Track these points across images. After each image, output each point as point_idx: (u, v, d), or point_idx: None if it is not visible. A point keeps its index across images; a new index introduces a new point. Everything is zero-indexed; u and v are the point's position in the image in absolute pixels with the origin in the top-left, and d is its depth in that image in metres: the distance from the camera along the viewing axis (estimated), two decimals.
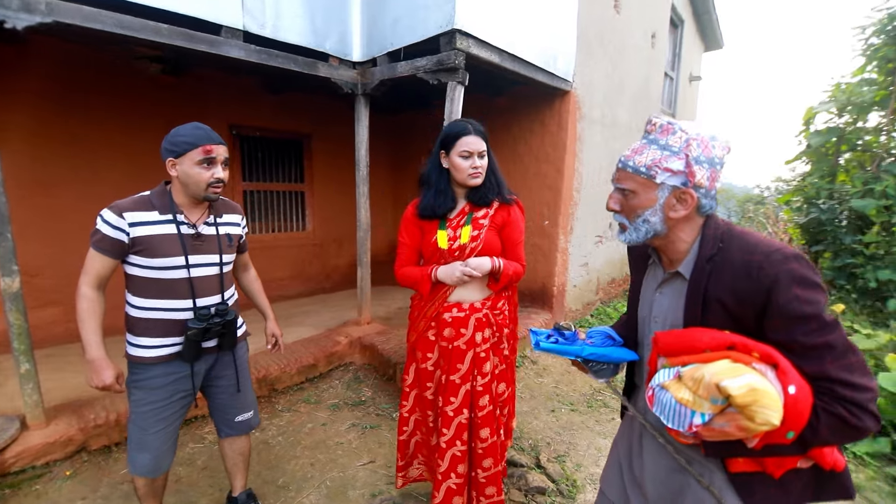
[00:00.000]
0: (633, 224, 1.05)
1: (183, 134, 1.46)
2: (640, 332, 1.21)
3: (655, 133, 1.02)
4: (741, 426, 0.82)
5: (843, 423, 0.85)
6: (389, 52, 3.17)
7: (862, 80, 5.19)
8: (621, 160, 1.06)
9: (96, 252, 1.46)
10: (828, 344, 0.87)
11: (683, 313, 1.03)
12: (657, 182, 0.99)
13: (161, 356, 1.54)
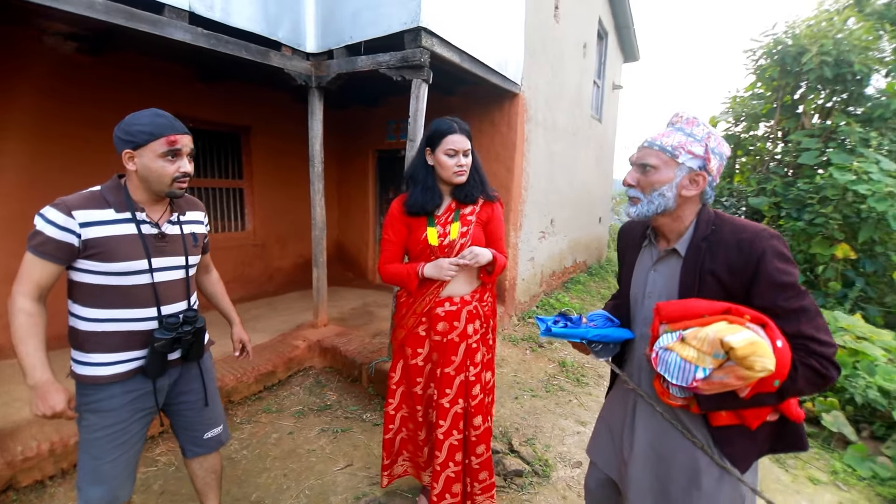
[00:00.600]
0: (647, 197, 1.18)
1: (141, 122, 1.29)
2: (633, 311, 1.34)
3: (681, 123, 1.18)
4: (740, 375, 0.97)
5: (815, 373, 1.03)
6: (348, 46, 3.08)
7: (753, 95, 6.07)
8: (648, 141, 1.19)
9: (36, 257, 1.24)
10: (802, 308, 1.05)
11: (679, 287, 1.18)
12: (679, 161, 1.13)
13: (118, 374, 1.36)
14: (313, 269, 3.61)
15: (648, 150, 1.18)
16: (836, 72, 4.87)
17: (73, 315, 1.35)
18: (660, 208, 1.17)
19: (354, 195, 5.62)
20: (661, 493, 1.26)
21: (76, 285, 1.33)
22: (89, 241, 1.27)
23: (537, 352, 4.19)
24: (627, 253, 1.39)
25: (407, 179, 1.88)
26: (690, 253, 1.17)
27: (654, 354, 1.09)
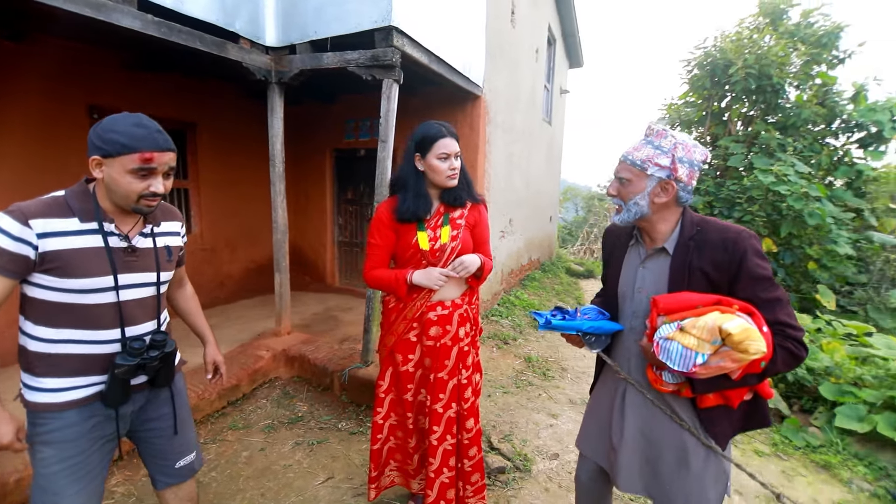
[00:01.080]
0: (626, 206, 1.30)
1: (118, 131, 1.14)
2: (621, 305, 1.43)
3: (652, 136, 1.28)
4: (735, 358, 1.08)
5: (790, 354, 1.16)
6: (312, 41, 2.96)
7: (686, 103, 6.60)
8: (623, 155, 1.30)
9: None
10: (777, 298, 1.18)
11: (668, 282, 1.28)
12: (648, 173, 1.25)
13: (75, 400, 1.22)
14: (275, 274, 3.43)
15: (623, 164, 1.29)
16: (758, 83, 5.44)
17: (25, 334, 1.20)
18: (637, 215, 1.29)
19: (311, 195, 5.41)
20: (651, 476, 1.35)
21: (29, 301, 1.18)
22: (47, 254, 1.12)
23: (503, 349, 4.28)
24: (614, 252, 1.48)
25: (395, 185, 1.83)
26: (679, 251, 1.28)
27: (656, 344, 1.16)
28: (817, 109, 5.55)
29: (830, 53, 5.59)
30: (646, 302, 1.33)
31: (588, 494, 1.62)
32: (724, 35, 6.24)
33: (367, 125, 4.88)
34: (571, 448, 2.76)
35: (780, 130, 5.49)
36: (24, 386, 1.21)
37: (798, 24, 5.73)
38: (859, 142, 5.51)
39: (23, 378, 1.21)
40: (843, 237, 4.68)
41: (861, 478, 2.57)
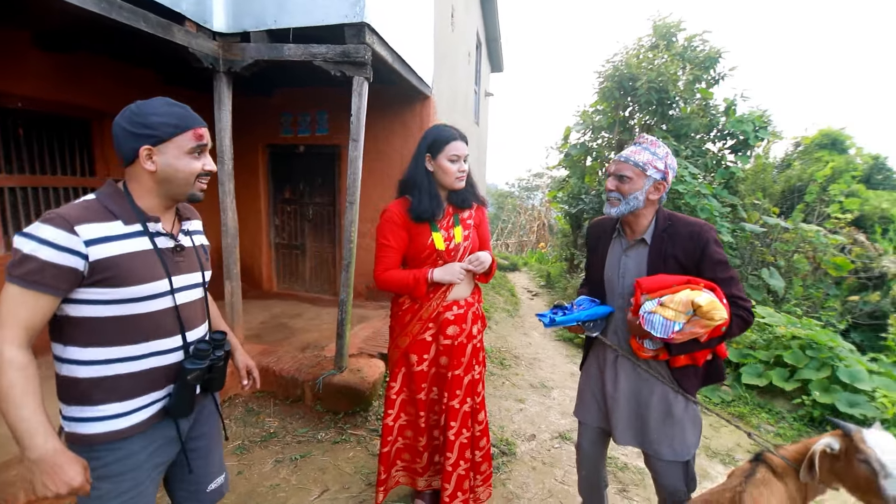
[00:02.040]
0: (626, 200, 1.52)
1: (160, 113, 1.07)
2: (607, 289, 1.67)
3: (647, 144, 1.53)
4: (703, 325, 1.36)
5: (743, 321, 1.47)
6: (270, 31, 2.76)
7: (597, 111, 7.35)
8: (625, 157, 1.52)
9: (28, 290, 0.96)
10: (731, 277, 1.49)
11: (647, 266, 1.55)
12: (647, 174, 1.48)
13: (141, 422, 1.12)
14: (225, 282, 3.13)
15: (625, 164, 1.51)
16: (657, 97, 6.28)
17: (68, 361, 1.06)
18: (633, 208, 1.52)
19: (243, 195, 4.94)
20: (640, 428, 1.62)
21: (73, 322, 1.05)
22: (98, 263, 1.01)
23: None
24: (599, 244, 1.72)
25: (406, 186, 1.83)
26: (655, 242, 1.54)
27: (641, 317, 1.41)
28: (701, 120, 6.58)
29: (709, 74, 6.65)
30: (629, 285, 1.58)
31: (589, 459, 1.82)
32: (626, 51, 7.07)
33: (307, 120, 4.64)
34: (544, 428, 2.99)
35: (675, 138, 6.42)
36: (71, 420, 1.07)
37: (685, 46, 6.72)
38: (731, 148, 6.67)
39: (69, 412, 1.07)
40: (725, 227, 5.65)
41: (765, 422, 3.19)
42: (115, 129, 1.08)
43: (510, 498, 2.27)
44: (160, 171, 1.09)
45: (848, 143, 9.20)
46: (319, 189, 4.84)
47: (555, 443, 2.83)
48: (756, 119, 6.36)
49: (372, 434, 2.72)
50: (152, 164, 1.08)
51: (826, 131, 9.58)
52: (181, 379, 1.13)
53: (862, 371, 3.06)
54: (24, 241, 0.97)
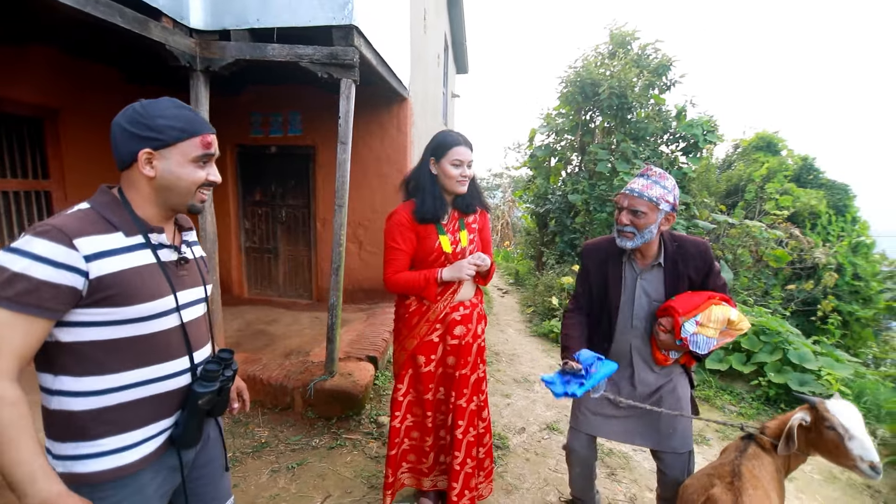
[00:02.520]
0: (641, 234, 1.60)
1: (167, 115, 0.99)
2: (621, 313, 1.74)
3: (655, 177, 1.61)
4: (733, 335, 1.53)
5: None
6: (252, 30, 2.68)
7: (559, 114, 7.64)
8: (638, 192, 1.59)
9: (20, 314, 0.85)
10: (724, 283, 1.67)
11: (665, 288, 1.67)
12: (660, 208, 1.58)
13: (149, 455, 1.02)
14: None
15: (639, 199, 1.58)
16: (618, 102, 6.63)
17: (60, 393, 0.94)
18: (647, 240, 1.61)
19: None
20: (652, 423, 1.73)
21: (66, 349, 0.93)
22: (100, 281, 0.91)
23: None
24: (605, 268, 1.77)
25: (410, 187, 1.87)
26: (668, 263, 1.67)
27: (685, 339, 1.53)
28: (656, 124, 7.01)
29: (662, 80, 7.10)
30: (647, 307, 1.69)
31: (584, 461, 1.91)
32: (585, 58, 7.39)
33: (280, 120, 4.51)
34: (532, 420, 3.11)
35: (633, 140, 6.80)
36: (65, 459, 0.95)
37: (639, 54, 7.13)
38: (683, 150, 7.15)
39: (61, 449, 0.95)
40: (681, 224, 6.07)
41: (728, 403, 3.48)
42: (113, 129, 0.99)
43: (509, 490, 2.35)
44: (160, 177, 1.00)
45: (781, 146, 10.08)
46: (293, 191, 4.72)
47: (544, 434, 2.95)
48: (704, 123, 6.87)
49: (367, 437, 2.72)
50: (151, 169, 0.99)
51: (762, 134, 10.46)
52: (191, 404, 1.05)
53: (808, 353, 3.42)
54: (13, 257, 0.86)
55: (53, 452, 0.96)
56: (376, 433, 2.76)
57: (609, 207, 6.40)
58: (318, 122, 4.42)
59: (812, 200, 8.72)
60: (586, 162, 7.12)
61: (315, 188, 4.56)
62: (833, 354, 3.49)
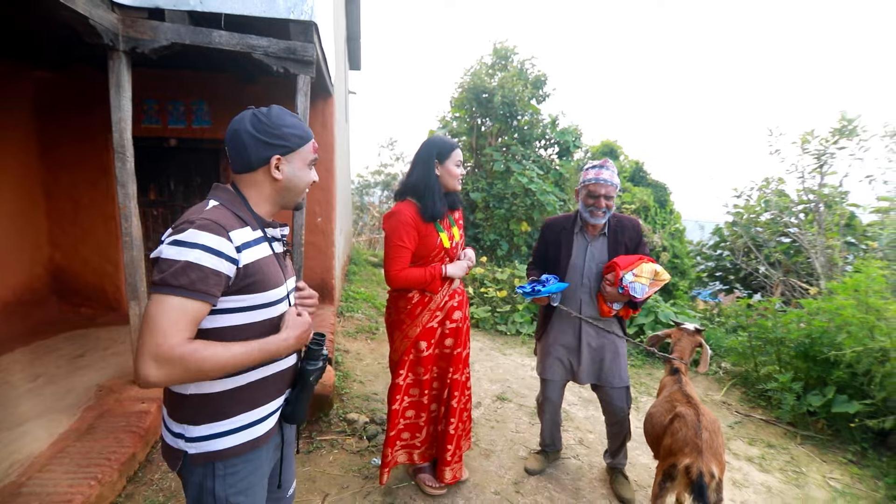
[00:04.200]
0: (609, 210, 2.12)
1: (289, 124, 1.09)
2: (570, 271, 2.23)
3: (610, 167, 2.13)
4: (658, 283, 2.06)
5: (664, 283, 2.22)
6: (192, 12, 2.43)
7: (454, 117, 8.17)
8: (610, 181, 2.09)
9: (193, 300, 0.92)
10: (649, 252, 2.25)
11: (608, 253, 2.20)
12: (618, 190, 2.09)
13: (271, 429, 1.12)
14: (131, 304, 2.62)
15: (611, 187, 2.09)
16: (508, 110, 7.41)
17: None
18: (609, 215, 2.14)
19: (85, 198, 3.97)
20: (598, 367, 2.26)
21: (208, 334, 1.00)
22: (245, 269, 1.00)
23: (375, 338, 4.54)
24: (560, 238, 2.27)
25: (416, 189, 1.99)
26: (611, 234, 2.20)
27: (626, 287, 2.02)
28: (535, 131, 8.04)
29: (538, 93, 8.15)
30: (594, 268, 2.19)
31: (554, 405, 2.41)
32: (473, 69, 8.06)
33: (181, 110, 4.01)
34: (483, 395, 3.46)
35: (521, 144, 7.69)
36: (200, 440, 1.02)
37: (519, 68, 8.06)
38: (558, 154, 8.35)
39: (195, 432, 1.02)
40: None
41: None
42: (240, 136, 1.05)
43: (487, 454, 2.66)
44: (285, 179, 1.10)
45: (619, 151, 12.35)
46: (200, 189, 4.23)
47: (497, 405, 3.33)
48: (573, 131, 8.14)
49: (342, 436, 2.73)
50: (279, 172, 1.08)
51: (606, 142, 12.65)
52: (303, 380, 1.15)
53: (671, 313, 4.48)
54: (181, 249, 0.92)
55: (186, 436, 1.02)
56: (349, 430, 2.79)
57: (506, 203, 7.17)
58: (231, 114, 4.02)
59: (644, 197, 10.95)
60: (483, 163, 7.79)
61: None
62: (685, 312, 4.64)
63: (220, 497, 1.04)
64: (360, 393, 3.28)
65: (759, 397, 3.55)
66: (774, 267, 5.95)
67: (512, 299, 5.51)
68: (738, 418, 3.32)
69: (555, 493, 2.34)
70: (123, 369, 2.90)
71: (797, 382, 3.16)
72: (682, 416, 1.79)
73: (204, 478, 1.03)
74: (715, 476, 1.62)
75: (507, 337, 5.07)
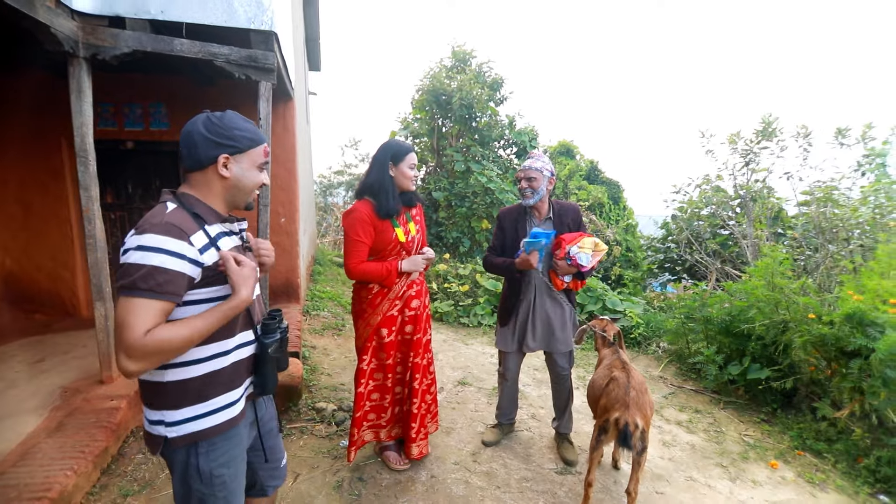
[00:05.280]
0: (536, 191, 2.41)
1: (240, 127, 1.17)
2: None
3: (536, 157, 2.45)
4: (598, 253, 2.37)
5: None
6: (153, 21, 2.52)
7: (416, 118, 8.37)
8: (529, 166, 2.41)
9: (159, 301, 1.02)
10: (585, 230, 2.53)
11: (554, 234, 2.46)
12: (543, 174, 2.39)
13: (243, 409, 1.24)
14: (97, 305, 2.66)
15: (529, 170, 2.40)
16: (467, 112, 7.69)
17: (177, 365, 1.11)
18: (541, 196, 2.43)
19: (36, 202, 3.88)
20: (550, 335, 2.55)
21: None
22: (208, 268, 1.11)
23: (342, 334, 4.68)
24: (514, 224, 2.55)
25: (372, 189, 2.18)
26: (556, 218, 2.49)
27: (574, 257, 2.31)
28: (494, 132, 8.37)
29: (496, 95, 8.49)
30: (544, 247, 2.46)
31: (513, 374, 2.70)
32: (433, 71, 8.29)
33: (138, 112, 4.00)
34: (445, 381, 3.69)
35: (480, 145, 7.99)
36: (182, 423, 1.13)
37: (477, 71, 8.36)
38: (516, 154, 8.73)
39: (176, 416, 1.12)
40: None
41: None
42: (192, 136, 1.13)
43: (448, 431, 2.89)
44: (232, 178, 1.17)
45: (575, 151, 12.94)
46: (158, 192, 4.22)
47: (458, 389, 3.57)
48: (529, 132, 8.53)
49: (311, 423, 2.88)
50: (227, 171, 1.16)
51: (563, 142, 13.22)
52: (263, 353, 1.24)
53: (617, 300, 4.89)
54: (148, 254, 1.01)
55: (166, 421, 1.12)
56: (318, 417, 2.95)
57: (468, 202, 7.44)
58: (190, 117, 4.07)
59: (598, 194, 11.56)
60: (445, 163, 8.03)
61: None
62: (630, 299, 5.07)
63: (204, 471, 1.15)
64: (327, 384, 3.43)
65: (690, 371, 3.99)
66: (713, 257, 6.54)
67: (474, 293, 5.78)
68: (672, 390, 3.72)
69: (508, 460, 2.60)
70: (88, 371, 2.92)
71: (720, 355, 3.59)
72: (615, 379, 2.09)
73: (188, 456, 1.14)
74: (639, 426, 1.92)
75: (470, 329, 5.34)
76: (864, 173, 5.17)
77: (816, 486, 2.52)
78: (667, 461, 2.70)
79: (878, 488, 2.49)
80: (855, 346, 2.47)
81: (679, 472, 2.60)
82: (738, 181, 6.59)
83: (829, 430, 2.86)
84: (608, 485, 2.41)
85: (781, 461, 2.75)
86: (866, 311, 2.46)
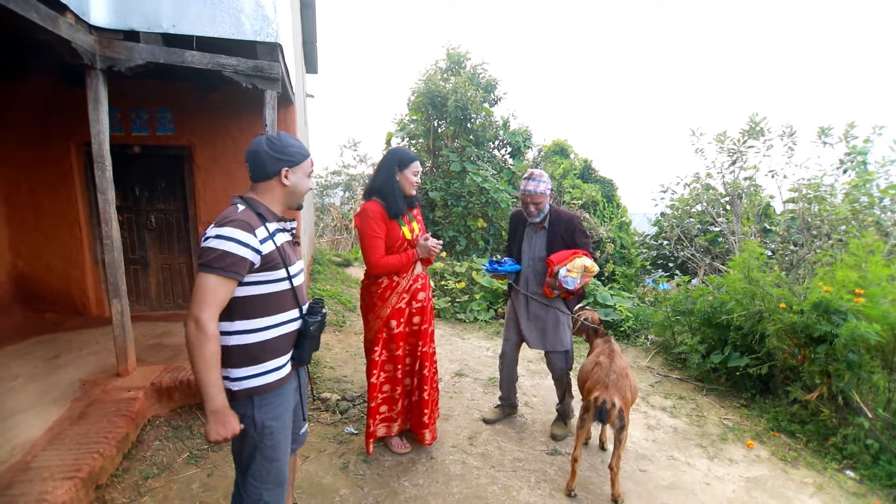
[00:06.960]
0: (541, 211, 2.60)
1: (293, 144, 1.47)
2: (524, 255, 2.75)
3: (538, 177, 2.61)
4: (588, 276, 2.56)
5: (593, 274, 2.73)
6: (165, 34, 2.67)
7: (412, 120, 8.53)
8: (536, 191, 2.58)
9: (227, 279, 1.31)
10: (588, 243, 2.72)
11: (547, 243, 2.66)
12: (546, 195, 2.58)
13: (289, 372, 1.51)
14: (113, 302, 2.83)
15: (536, 195, 2.58)
16: (462, 113, 7.86)
17: (238, 332, 1.40)
18: (545, 214, 2.63)
19: (46, 204, 4.03)
20: (543, 335, 2.73)
21: (243, 301, 1.39)
22: (265, 256, 1.38)
23: (343, 331, 4.85)
24: (518, 229, 2.78)
25: (381, 192, 2.35)
26: (550, 227, 2.68)
27: (560, 280, 2.48)
28: (489, 132, 8.54)
29: (490, 96, 8.66)
30: (537, 254, 2.67)
31: (510, 360, 2.90)
32: (428, 73, 8.45)
33: (144, 118, 4.15)
34: (443, 373, 3.87)
35: (475, 145, 8.16)
36: (242, 379, 1.40)
37: (472, 73, 8.53)
38: (510, 154, 8.91)
39: (238, 373, 1.40)
40: None
41: None
42: (259, 154, 1.42)
43: (447, 418, 3.07)
44: (291, 185, 1.48)
45: (569, 150, 13.14)
46: (163, 194, 4.37)
47: (455, 380, 3.75)
48: (523, 132, 8.72)
49: (316, 412, 3.05)
50: (287, 180, 1.46)
51: (557, 141, 13.40)
52: (306, 330, 1.52)
53: (608, 295, 5.08)
54: (223, 241, 1.30)
55: (231, 377, 1.39)
56: (323, 407, 3.12)
57: (463, 201, 7.62)
58: (194, 122, 4.24)
59: (592, 192, 11.77)
60: (441, 163, 8.20)
61: (195, 191, 4.34)
62: (621, 294, 5.26)
63: (258, 421, 1.41)
64: (331, 376, 3.60)
65: (675, 361, 4.19)
66: (703, 253, 6.75)
67: (470, 290, 5.96)
68: (658, 378, 3.92)
69: (503, 443, 2.78)
70: (103, 366, 3.08)
71: (703, 345, 3.79)
72: (600, 363, 2.28)
73: (246, 408, 1.40)
74: (616, 405, 2.11)
75: (466, 324, 5.52)
76: (846, 171, 5.39)
77: (788, 464, 2.72)
78: (650, 443, 2.89)
79: (844, 464, 2.69)
80: (821, 333, 2.66)
81: (661, 452, 2.79)
82: (726, 179, 6.80)
83: (801, 413, 3.06)
84: (595, 464, 2.59)
85: (757, 441, 2.94)
86: (831, 301, 2.65)
